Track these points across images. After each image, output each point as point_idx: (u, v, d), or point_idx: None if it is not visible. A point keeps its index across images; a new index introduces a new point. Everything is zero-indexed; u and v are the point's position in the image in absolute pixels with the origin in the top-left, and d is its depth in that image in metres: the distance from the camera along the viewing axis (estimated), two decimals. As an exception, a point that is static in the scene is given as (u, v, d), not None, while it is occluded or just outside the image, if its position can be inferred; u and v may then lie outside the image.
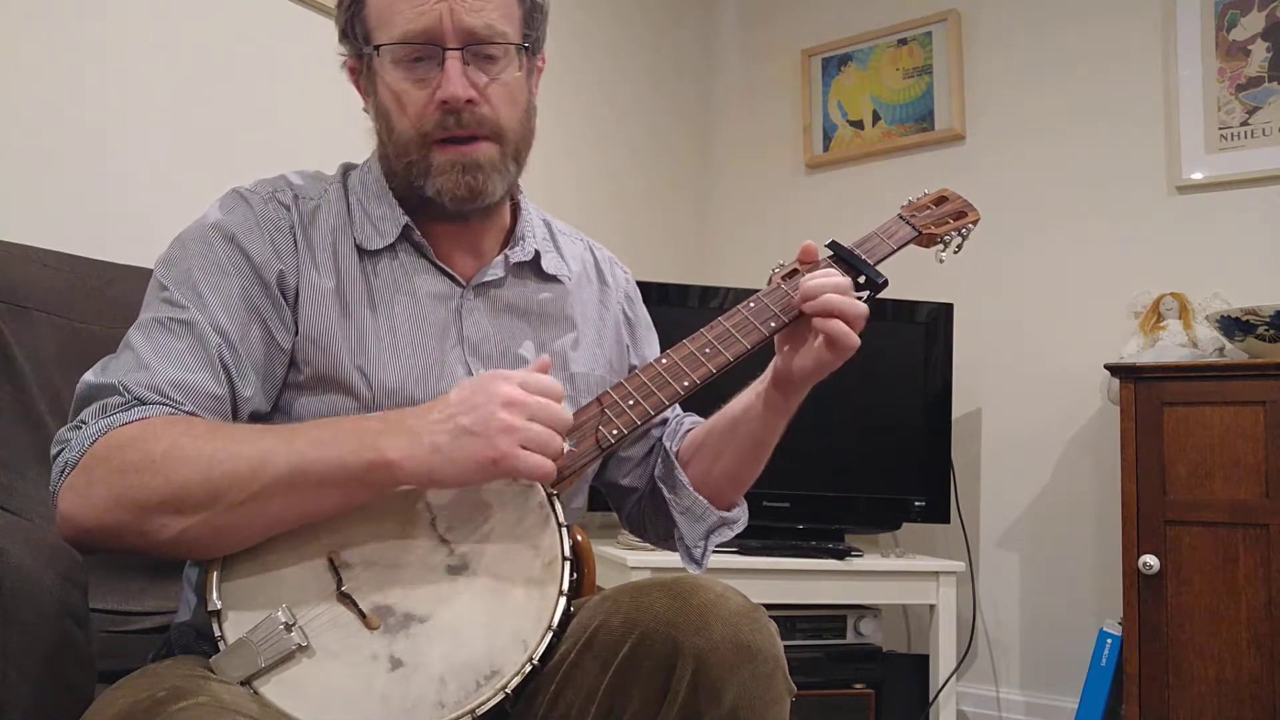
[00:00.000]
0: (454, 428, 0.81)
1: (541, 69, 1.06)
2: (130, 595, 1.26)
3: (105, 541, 0.82)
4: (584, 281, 1.13)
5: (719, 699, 0.78)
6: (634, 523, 1.18)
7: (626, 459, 1.14)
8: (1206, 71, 2.40)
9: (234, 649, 0.79)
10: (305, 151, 1.17)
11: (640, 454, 1.15)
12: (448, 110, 0.94)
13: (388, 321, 0.97)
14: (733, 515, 1.11)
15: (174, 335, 0.88)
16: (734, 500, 1.11)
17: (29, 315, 1.29)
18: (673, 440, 1.14)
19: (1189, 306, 2.31)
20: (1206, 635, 2.00)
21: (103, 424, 0.82)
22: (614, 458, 1.14)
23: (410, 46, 0.94)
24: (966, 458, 2.62)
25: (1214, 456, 2.02)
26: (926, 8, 2.81)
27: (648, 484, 1.14)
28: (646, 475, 1.14)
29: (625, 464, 1.14)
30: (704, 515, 1.09)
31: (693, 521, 1.09)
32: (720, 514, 1.09)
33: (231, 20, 1.87)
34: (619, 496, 1.17)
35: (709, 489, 1.09)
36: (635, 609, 0.82)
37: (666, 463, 1.12)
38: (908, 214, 1.15)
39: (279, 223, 0.96)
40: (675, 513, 1.10)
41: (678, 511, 1.10)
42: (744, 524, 1.13)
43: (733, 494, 1.11)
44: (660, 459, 1.13)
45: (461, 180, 0.96)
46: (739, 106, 3.20)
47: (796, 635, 2.27)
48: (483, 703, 0.78)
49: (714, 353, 0.99)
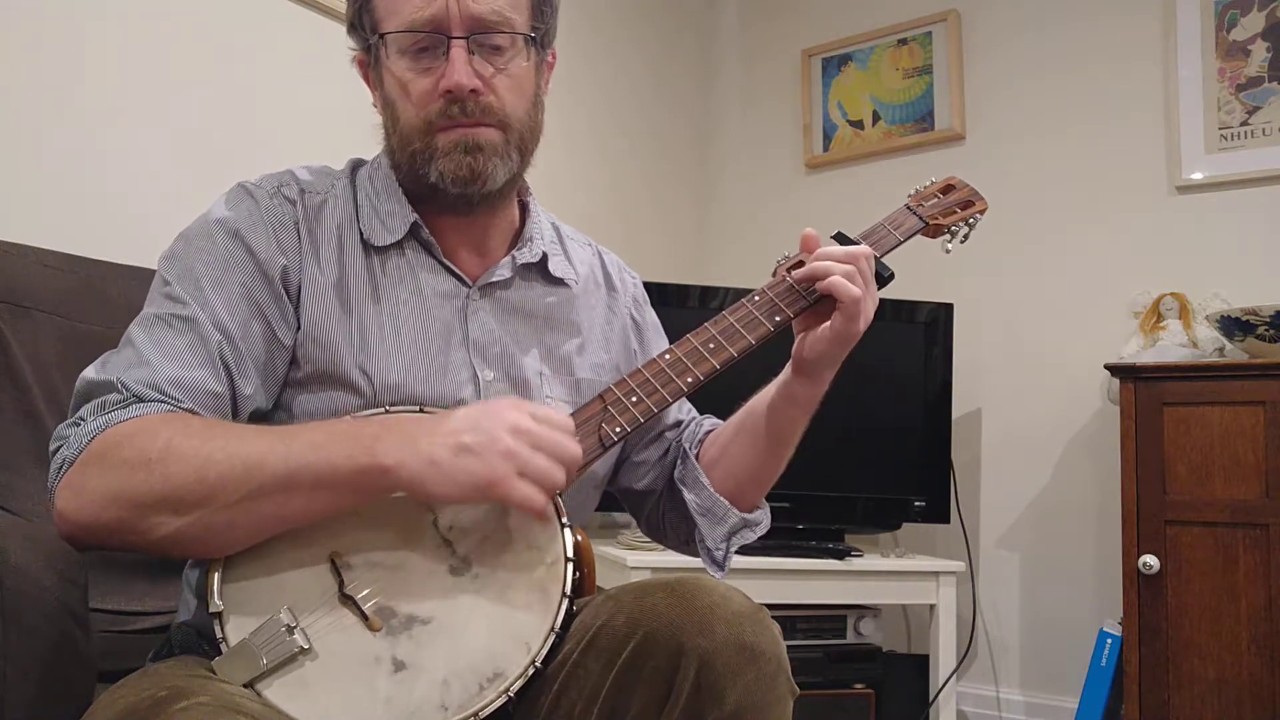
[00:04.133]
0: (455, 444, 0.80)
1: (552, 64, 1.05)
2: (130, 595, 1.26)
3: (102, 539, 0.81)
4: (591, 286, 1.12)
5: (722, 700, 0.78)
6: (653, 527, 1.16)
7: (641, 463, 1.13)
8: (1206, 71, 2.40)
9: (236, 651, 0.79)
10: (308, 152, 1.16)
11: (655, 457, 1.13)
12: (452, 99, 0.93)
13: (392, 319, 0.96)
14: (755, 517, 1.09)
15: (175, 331, 0.88)
16: (755, 501, 1.09)
17: (29, 315, 1.29)
18: (691, 441, 1.12)
19: (1189, 306, 2.31)
20: (1206, 635, 2.00)
21: (100, 421, 0.82)
22: (627, 462, 1.13)
23: (415, 35, 0.93)
24: (966, 458, 2.62)
25: (1214, 456, 2.02)
26: (926, 8, 2.81)
27: (665, 486, 1.12)
28: (664, 478, 1.12)
29: (640, 468, 1.13)
30: (725, 516, 1.07)
31: (714, 523, 1.07)
32: (742, 515, 1.07)
33: (232, 20, 1.87)
34: (636, 502, 1.16)
35: (729, 489, 1.07)
36: (638, 609, 0.82)
37: (686, 463, 1.10)
38: (914, 204, 1.13)
39: (284, 218, 0.95)
40: (695, 514, 1.08)
41: (698, 513, 1.07)
42: (766, 525, 1.10)
43: (754, 494, 1.09)
44: (679, 460, 1.11)
45: (463, 161, 0.94)
46: (739, 106, 3.20)
47: (796, 635, 2.27)
48: (486, 705, 0.78)
49: (718, 348, 0.97)
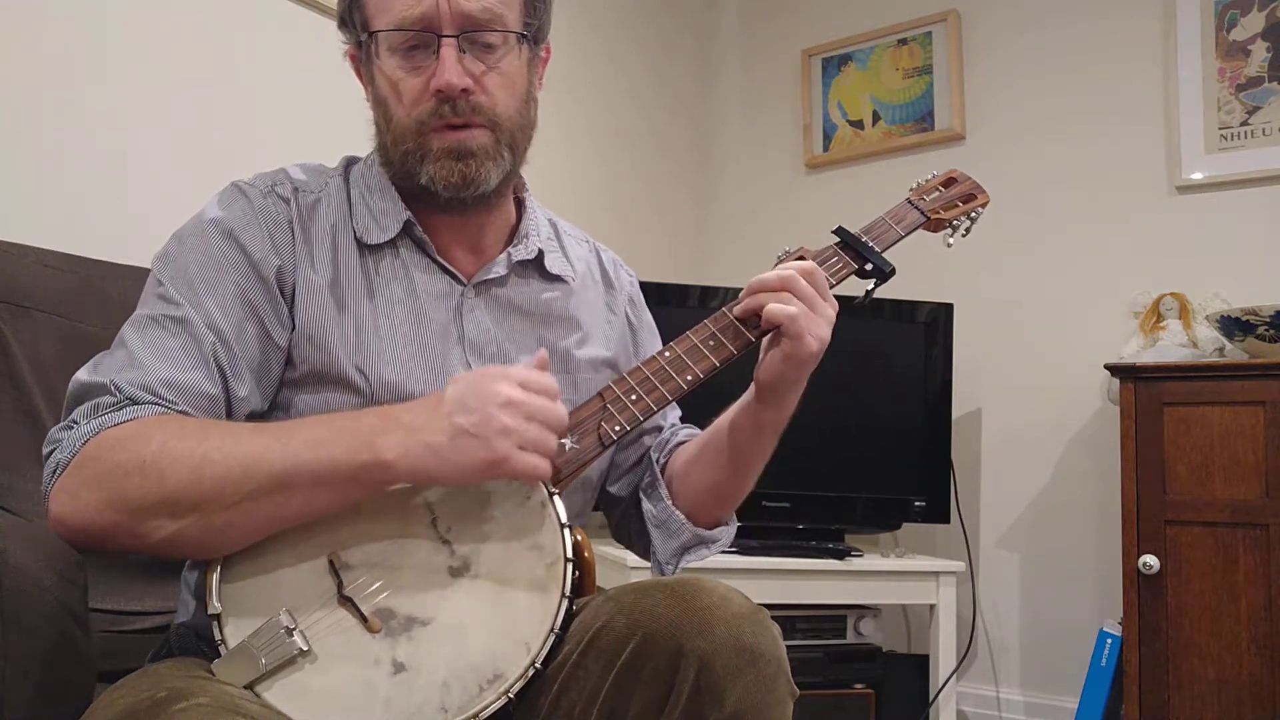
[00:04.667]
0: (451, 427, 0.79)
1: (546, 60, 1.04)
2: (130, 595, 1.26)
3: (99, 542, 0.81)
4: (588, 282, 1.11)
5: (722, 701, 0.78)
6: (621, 533, 1.14)
7: (616, 465, 1.11)
8: (1206, 71, 2.40)
9: (235, 653, 0.78)
10: (307, 151, 1.16)
11: (630, 461, 1.11)
12: (443, 99, 0.93)
13: (387, 319, 0.96)
14: (713, 534, 1.05)
15: (168, 333, 0.87)
16: (719, 517, 1.06)
17: (29, 315, 1.29)
18: (661, 450, 1.10)
19: (1189, 306, 2.31)
20: (1206, 635, 1.99)
21: (94, 424, 0.81)
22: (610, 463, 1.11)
23: (406, 34, 0.93)
24: (966, 458, 2.62)
25: (1214, 456, 2.02)
26: (926, 8, 2.81)
27: (632, 494, 1.10)
28: (633, 484, 1.11)
29: (614, 471, 1.11)
30: (678, 531, 1.04)
31: (666, 536, 1.05)
32: (696, 531, 1.04)
33: (231, 20, 1.87)
34: (608, 505, 1.14)
35: (689, 504, 1.05)
36: (638, 610, 0.81)
37: (650, 473, 1.08)
38: (916, 198, 1.13)
39: (277, 217, 0.95)
40: (650, 525, 1.05)
41: (653, 524, 1.05)
42: (726, 543, 1.07)
43: (716, 510, 1.05)
44: (645, 469, 1.10)
45: (454, 167, 0.94)
46: (739, 106, 3.20)
47: (796, 635, 2.26)
48: (486, 706, 0.78)
49: (719, 344, 0.96)
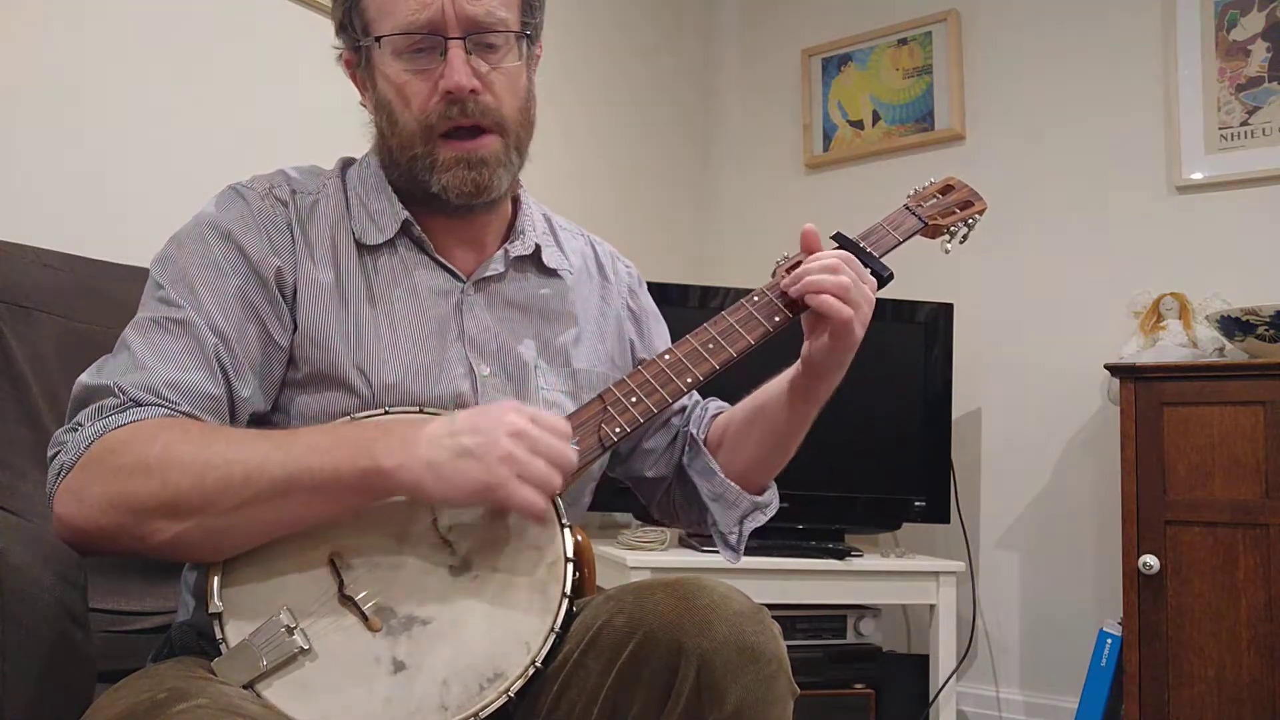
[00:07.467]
0: (455, 446, 0.80)
1: (539, 57, 1.05)
2: (130, 595, 1.26)
3: (102, 544, 0.82)
4: (585, 276, 1.12)
5: (722, 700, 0.78)
6: (665, 511, 1.18)
7: (649, 451, 1.14)
8: (1206, 71, 2.40)
9: (235, 652, 0.79)
10: (306, 151, 1.16)
11: (663, 444, 1.14)
12: (451, 100, 0.94)
13: (387, 318, 0.96)
14: (764, 499, 1.11)
15: (170, 335, 0.87)
16: (763, 484, 1.11)
17: (29, 315, 1.29)
18: (699, 426, 1.13)
19: (1189, 306, 2.31)
20: (1206, 635, 2.00)
21: (98, 426, 0.82)
22: (637, 450, 1.14)
23: (412, 37, 0.93)
24: (966, 458, 2.62)
25: (1214, 456, 2.02)
26: (926, 8, 2.81)
27: (675, 473, 1.14)
28: (673, 463, 1.14)
29: (649, 456, 1.14)
30: (737, 501, 1.09)
31: (726, 508, 1.09)
32: (752, 499, 1.09)
33: (231, 20, 1.87)
34: (647, 489, 1.17)
35: (737, 474, 1.09)
36: (639, 609, 0.82)
37: (695, 450, 1.12)
38: (913, 204, 1.14)
39: (276, 219, 0.95)
40: (707, 500, 1.09)
41: (710, 499, 1.09)
42: (775, 507, 1.12)
43: (762, 478, 1.10)
44: (687, 446, 1.13)
45: (467, 176, 0.95)
46: (739, 106, 3.20)
47: (796, 635, 2.27)
48: (486, 705, 0.78)
49: (718, 348, 0.98)
